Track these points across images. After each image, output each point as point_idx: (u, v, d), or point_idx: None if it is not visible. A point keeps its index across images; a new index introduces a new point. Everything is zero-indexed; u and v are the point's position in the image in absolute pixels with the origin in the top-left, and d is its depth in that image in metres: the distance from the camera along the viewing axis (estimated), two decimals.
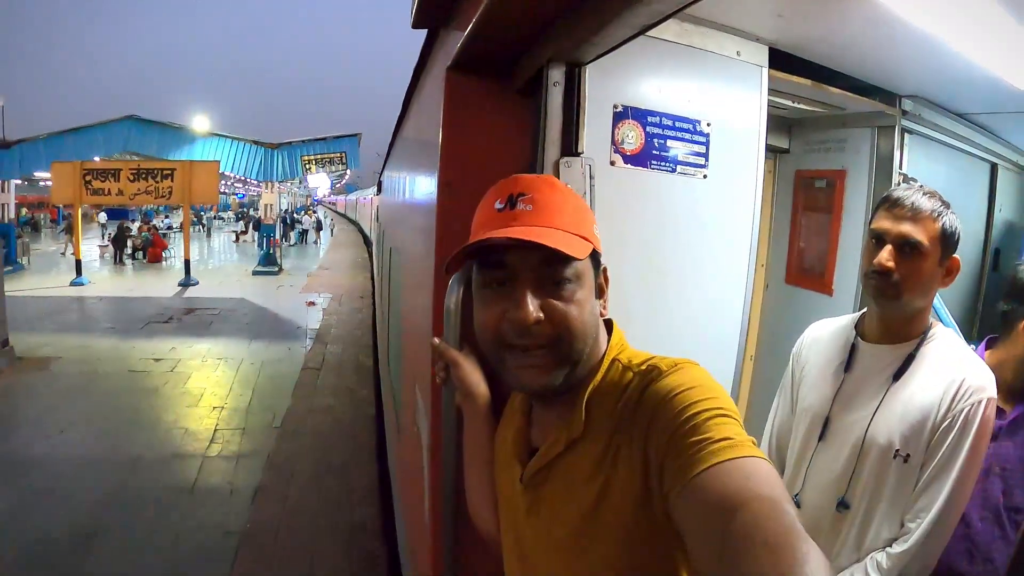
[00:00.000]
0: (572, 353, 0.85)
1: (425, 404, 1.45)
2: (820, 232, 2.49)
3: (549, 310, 0.83)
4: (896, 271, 1.33)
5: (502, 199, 0.89)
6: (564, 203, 0.88)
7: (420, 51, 1.77)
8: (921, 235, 1.32)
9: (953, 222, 1.35)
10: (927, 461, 1.32)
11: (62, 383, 7.27)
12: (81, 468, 5.15)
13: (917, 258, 1.33)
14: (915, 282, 1.34)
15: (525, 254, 0.83)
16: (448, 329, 1.14)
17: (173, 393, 7.16)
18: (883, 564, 1.33)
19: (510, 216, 0.86)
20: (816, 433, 1.49)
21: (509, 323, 0.83)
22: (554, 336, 0.83)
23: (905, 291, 1.35)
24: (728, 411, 0.73)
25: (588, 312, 0.86)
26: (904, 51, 1.75)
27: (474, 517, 1.17)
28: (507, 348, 0.86)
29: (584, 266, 0.86)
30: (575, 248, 0.82)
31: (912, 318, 1.41)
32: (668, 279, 1.51)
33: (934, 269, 1.35)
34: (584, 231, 0.87)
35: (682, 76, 1.50)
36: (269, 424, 6.32)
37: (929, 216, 1.33)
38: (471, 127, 1.25)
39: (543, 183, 0.90)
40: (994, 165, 2.97)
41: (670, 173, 1.49)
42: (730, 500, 0.62)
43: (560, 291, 0.83)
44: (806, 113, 2.28)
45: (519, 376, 0.86)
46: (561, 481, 0.88)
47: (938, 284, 1.39)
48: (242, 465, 5.39)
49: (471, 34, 1.03)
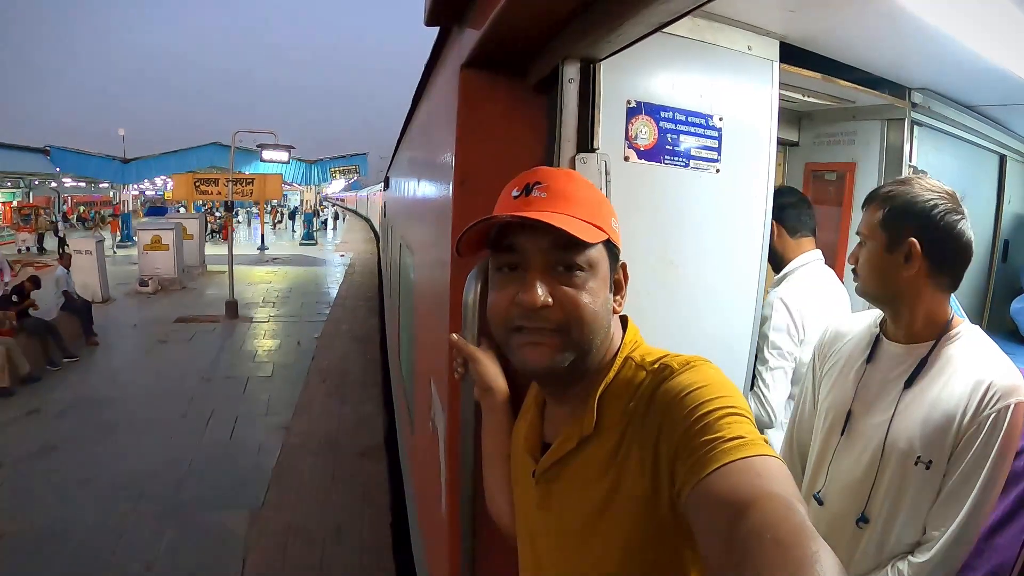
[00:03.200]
0: (580, 340, 0.84)
1: (442, 400, 1.46)
2: (831, 225, 2.49)
3: (559, 295, 0.83)
4: (856, 265, 1.41)
5: (519, 187, 0.89)
6: (580, 193, 0.88)
7: (432, 49, 1.77)
8: (863, 225, 1.39)
9: (915, 205, 1.30)
10: (951, 468, 1.26)
11: (199, 293, 14.02)
12: None
13: (863, 247, 1.39)
14: (866, 273, 1.39)
15: (536, 238, 0.83)
16: (466, 324, 1.15)
17: (278, 285, 15.42)
18: (905, 572, 1.30)
19: (524, 202, 0.87)
20: (839, 428, 1.45)
21: (518, 306, 0.84)
22: (563, 322, 0.83)
23: (862, 282, 1.41)
24: (740, 410, 0.73)
25: (600, 302, 0.85)
26: (913, 44, 1.75)
27: (492, 511, 1.18)
28: (515, 331, 0.86)
29: (598, 256, 0.86)
30: (585, 232, 0.81)
31: (922, 317, 1.35)
32: (682, 273, 1.51)
33: (879, 256, 1.35)
34: (599, 221, 0.86)
35: (694, 71, 1.50)
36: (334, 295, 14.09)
37: (875, 204, 1.37)
38: (486, 125, 1.25)
39: (562, 174, 0.91)
40: (1003, 157, 2.96)
41: (683, 168, 1.49)
42: (740, 499, 0.61)
43: (571, 277, 0.84)
44: (816, 106, 2.28)
45: (525, 355, 0.86)
46: (572, 477, 0.89)
47: (904, 272, 1.33)
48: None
49: (487, 32, 1.03)
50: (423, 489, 2.15)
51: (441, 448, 1.47)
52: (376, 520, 4.52)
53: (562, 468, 0.90)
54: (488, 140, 1.26)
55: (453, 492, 1.30)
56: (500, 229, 0.88)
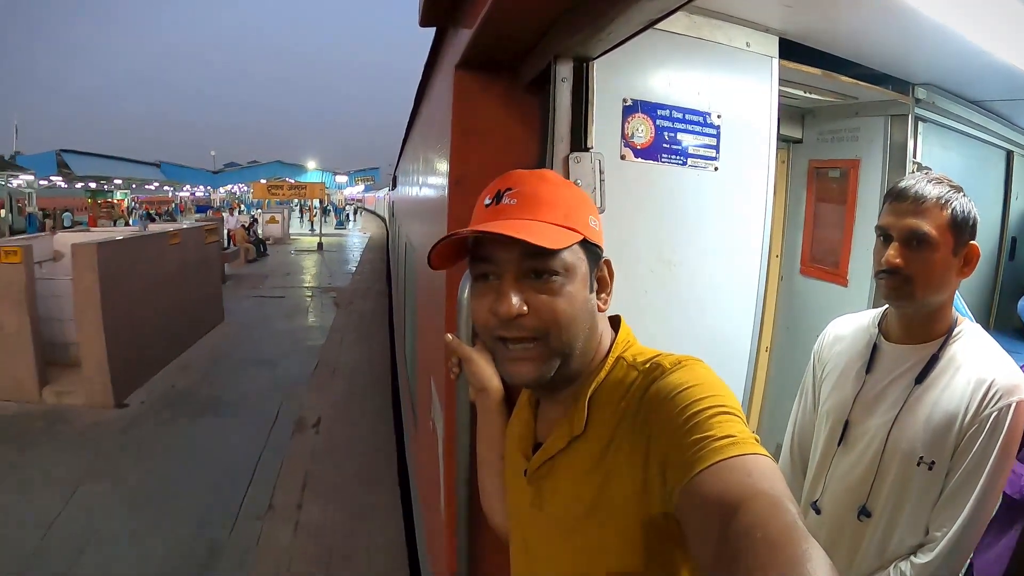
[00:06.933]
0: (561, 346, 0.84)
1: (440, 399, 1.46)
2: (834, 222, 2.48)
3: (534, 303, 0.83)
4: (906, 268, 1.25)
5: (491, 195, 0.89)
6: (552, 195, 0.87)
7: (429, 49, 1.78)
8: (927, 225, 1.23)
9: (965, 206, 1.25)
10: (953, 468, 1.25)
11: (296, 247, 24.54)
12: None
13: (926, 250, 1.24)
14: (927, 277, 1.25)
15: (507, 248, 0.82)
16: (461, 324, 1.15)
17: (331, 243, 25.69)
18: (907, 574, 1.29)
19: (495, 211, 0.86)
20: (836, 437, 1.43)
21: (494, 316, 0.84)
22: (542, 329, 0.83)
23: (918, 288, 1.26)
24: (730, 408, 0.72)
25: (579, 305, 0.85)
26: (915, 38, 1.73)
27: (486, 510, 1.18)
28: (498, 341, 0.86)
29: (573, 258, 0.85)
30: (554, 239, 0.81)
31: (933, 316, 1.32)
32: (680, 271, 1.51)
33: (948, 260, 1.25)
34: (573, 222, 0.85)
35: (691, 68, 1.50)
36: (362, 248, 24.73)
37: (935, 204, 1.23)
38: (480, 125, 1.25)
39: (533, 177, 0.89)
40: (1010, 153, 2.93)
41: (681, 166, 1.48)
42: (730, 498, 0.61)
43: (545, 284, 0.83)
44: (818, 103, 2.26)
45: (511, 370, 0.87)
46: (562, 477, 0.89)
47: (956, 276, 1.28)
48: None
49: (478, 31, 1.03)
50: (424, 486, 2.16)
51: (440, 447, 1.47)
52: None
53: (553, 467, 0.90)
54: (483, 140, 1.26)
55: (451, 489, 1.30)
56: (476, 239, 0.87)
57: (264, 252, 19.72)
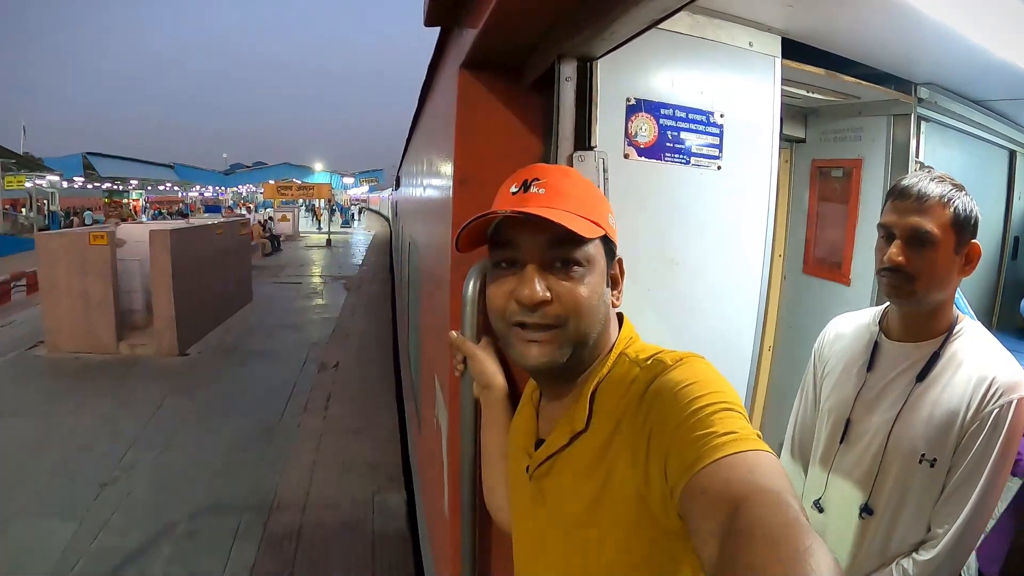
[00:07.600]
0: (579, 335, 0.85)
1: (444, 396, 1.47)
2: (837, 222, 2.48)
3: (557, 290, 0.84)
4: (908, 266, 1.25)
5: (517, 183, 0.90)
6: (577, 189, 0.89)
7: (434, 49, 1.78)
8: (930, 224, 1.23)
9: (967, 205, 1.25)
10: (954, 465, 1.25)
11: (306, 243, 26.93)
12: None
13: (929, 249, 1.24)
14: (930, 275, 1.26)
15: (533, 233, 0.84)
16: (465, 321, 1.15)
17: (339, 239, 28.30)
18: (910, 571, 1.29)
19: (523, 198, 0.87)
20: (838, 435, 1.44)
21: (516, 301, 0.85)
22: (562, 317, 0.84)
23: (920, 286, 1.26)
24: (732, 405, 0.72)
25: (598, 297, 0.86)
26: (918, 38, 1.74)
27: (490, 507, 1.19)
28: (514, 326, 0.87)
29: (595, 251, 0.86)
30: (582, 228, 0.82)
31: (934, 313, 1.33)
32: (683, 270, 1.51)
33: (950, 258, 1.26)
34: (596, 217, 0.87)
35: (694, 68, 1.50)
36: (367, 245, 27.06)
37: (938, 202, 1.24)
38: (485, 124, 1.26)
39: (558, 171, 0.91)
40: (1013, 152, 2.93)
41: (684, 165, 1.49)
42: (732, 494, 0.61)
43: (569, 273, 0.84)
44: (821, 102, 2.27)
45: (525, 352, 0.86)
46: (564, 473, 0.89)
47: (958, 274, 1.29)
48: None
49: (482, 31, 1.03)
50: (428, 483, 2.16)
51: (443, 444, 1.48)
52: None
53: (555, 463, 0.91)
54: (487, 139, 1.26)
55: (455, 487, 1.31)
56: (498, 225, 0.89)
57: (278, 247, 21.87)
